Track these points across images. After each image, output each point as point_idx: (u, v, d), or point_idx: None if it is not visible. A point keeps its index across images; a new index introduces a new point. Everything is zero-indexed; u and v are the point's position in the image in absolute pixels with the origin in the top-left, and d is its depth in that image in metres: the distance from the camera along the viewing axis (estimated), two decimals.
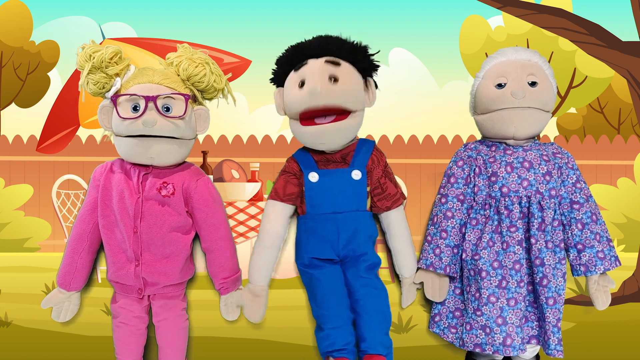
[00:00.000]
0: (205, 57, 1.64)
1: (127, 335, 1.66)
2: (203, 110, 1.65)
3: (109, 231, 1.64)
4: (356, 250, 1.67)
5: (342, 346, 1.62)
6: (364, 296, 1.66)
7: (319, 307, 1.66)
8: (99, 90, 1.61)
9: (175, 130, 1.57)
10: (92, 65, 1.57)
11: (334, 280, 1.67)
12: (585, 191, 1.70)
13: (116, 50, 1.59)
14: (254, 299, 1.69)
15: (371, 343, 1.63)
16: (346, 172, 1.66)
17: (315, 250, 1.67)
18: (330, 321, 1.64)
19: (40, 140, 3.30)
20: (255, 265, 1.69)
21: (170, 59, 1.64)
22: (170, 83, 1.60)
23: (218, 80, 1.65)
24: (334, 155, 1.68)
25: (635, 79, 3.08)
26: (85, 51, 1.58)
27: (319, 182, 1.66)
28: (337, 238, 1.65)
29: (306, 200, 1.67)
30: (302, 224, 1.70)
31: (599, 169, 3.96)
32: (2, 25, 3.74)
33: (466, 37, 3.94)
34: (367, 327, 1.64)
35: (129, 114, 1.56)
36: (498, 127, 1.67)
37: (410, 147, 4.22)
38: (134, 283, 1.63)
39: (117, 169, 1.65)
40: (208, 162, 2.85)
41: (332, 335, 1.63)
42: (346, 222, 1.66)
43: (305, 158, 1.69)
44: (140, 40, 3.14)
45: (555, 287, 1.62)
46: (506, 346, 1.61)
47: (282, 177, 1.70)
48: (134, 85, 1.59)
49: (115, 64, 1.60)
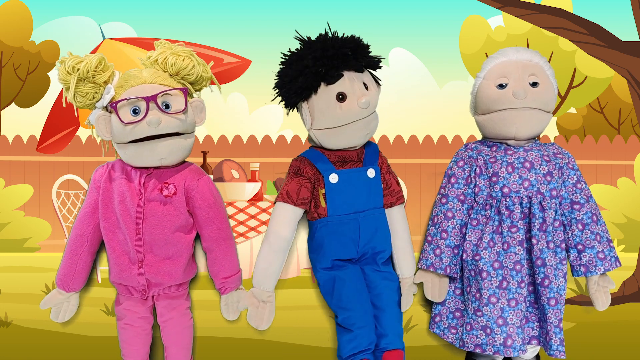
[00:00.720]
0: (187, 49, 1.63)
1: (132, 336, 1.66)
2: (199, 102, 1.65)
3: (111, 233, 1.64)
4: (376, 247, 1.68)
5: (367, 346, 1.63)
6: (385, 289, 1.68)
7: (346, 309, 1.64)
8: (88, 102, 1.59)
9: (180, 126, 1.57)
10: (78, 77, 1.55)
11: (357, 280, 1.67)
12: (585, 192, 1.70)
13: (100, 57, 1.57)
14: (260, 305, 1.67)
15: (392, 338, 1.65)
16: (362, 170, 1.67)
17: (339, 252, 1.66)
18: (357, 321, 1.63)
19: (40, 140, 3.29)
20: (265, 271, 1.66)
21: (153, 57, 1.62)
22: (162, 80, 1.59)
23: (205, 70, 1.65)
24: (352, 154, 1.68)
25: (635, 79, 3.08)
26: (65, 65, 1.55)
27: (340, 183, 1.65)
28: (358, 237, 1.66)
29: (328, 203, 1.65)
30: (322, 227, 1.67)
31: (599, 169, 3.95)
32: (2, 25, 3.74)
33: (466, 37, 3.94)
34: (388, 321, 1.66)
35: (131, 117, 1.55)
36: (499, 127, 1.66)
37: (410, 147, 4.21)
38: (137, 284, 1.63)
39: (118, 171, 1.65)
40: (208, 162, 2.85)
41: (359, 335, 1.62)
42: (367, 220, 1.67)
43: (321, 159, 1.67)
44: (140, 40, 3.13)
45: (556, 287, 1.62)
46: (507, 347, 1.61)
47: (296, 181, 1.66)
48: (128, 89, 1.57)
49: (102, 71, 1.58)
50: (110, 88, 1.57)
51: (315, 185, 1.67)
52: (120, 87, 1.58)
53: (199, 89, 1.68)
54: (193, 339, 1.72)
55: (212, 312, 1.72)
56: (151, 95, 1.55)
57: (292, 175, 1.68)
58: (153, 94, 1.55)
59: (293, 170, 1.68)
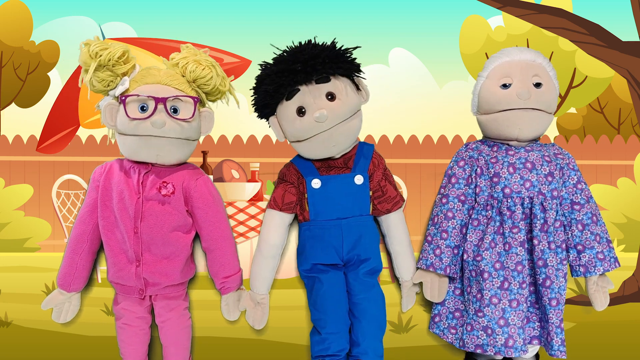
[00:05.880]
0: (211, 59, 1.63)
1: (131, 336, 1.66)
2: (208, 113, 1.65)
3: (109, 232, 1.64)
4: (361, 254, 1.67)
5: (336, 352, 1.63)
6: (363, 300, 1.66)
7: (318, 311, 1.66)
8: (103, 88, 1.60)
9: (183, 132, 1.58)
10: (99, 63, 1.55)
11: (336, 285, 1.67)
12: (585, 192, 1.70)
13: (125, 49, 1.58)
14: (255, 306, 1.70)
15: (364, 349, 1.64)
16: (349, 177, 1.66)
17: (320, 257, 1.67)
18: (328, 326, 1.64)
19: (40, 140, 3.30)
20: (256, 275, 1.69)
21: (175, 59, 1.63)
22: (178, 84, 1.59)
23: (223, 83, 1.65)
24: (337, 160, 1.67)
25: (635, 79, 3.08)
26: (90, 48, 1.55)
27: (322, 189, 1.65)
28: (341, 244, 1.65)
29: (309, 208, 1.66)
30: (305, 231, 1.69)
31: (599, 169, 3.95)
32: (2, 25, 3.74)
33: (466, 37, 3.93)
34: (363, 332, 1.65)
35: (137, 114, 1.55)
36: (503, 127, 1.66)
37: (410, 147, 4.21)
38: (135, 284, 1.63)
39: (117, 170, 1.65)
40: (208, 162, 2.84)
41: (327, 340, 1.63)
42: (350, 227, 1.66)
43: (306, 164, 1.68)
44: (140, 40, 3.14)
45: (557, 288, 1.62)
46: (508, 347, 1.61)
47: (281, 186, 1.69)
48: (142, 85, 1.58)
49: (123, 63, 1.59)
50: (126, 80, 1.58)
51: (300, 189, 1.68)
52: (136, 82, 1.59)
53: (213, 100, 1.69)
54: (192, 338, 1.72)
55: (211, 312, 1.72)
56: (162, 97, 1.55)
57: (279, 181, 1.71)
58: (164, 96, 1.56)
59: (280, 176, 1.72)
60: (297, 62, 1.57)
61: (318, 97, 1.59)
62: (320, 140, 1.61)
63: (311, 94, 1.59)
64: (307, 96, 1.59)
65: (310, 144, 1.62)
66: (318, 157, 1.66)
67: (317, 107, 1.58)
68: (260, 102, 1.64)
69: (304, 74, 1.58)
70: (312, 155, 1.66)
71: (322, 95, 1.60)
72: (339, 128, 1.61)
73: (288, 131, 1.64)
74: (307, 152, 1.65)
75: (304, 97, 1.59)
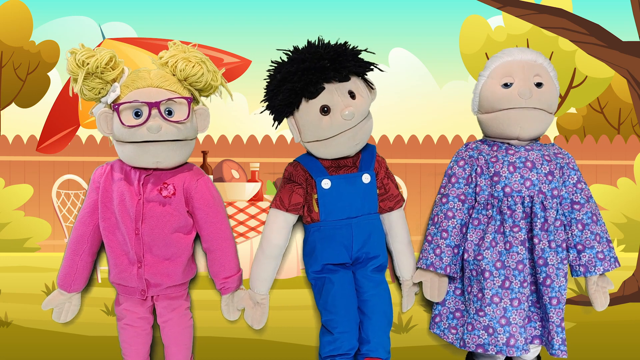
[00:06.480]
0: (199, 54, 1.61)
1: (133, 336, 1.66)
2: (203, 110, 1.64)
3: (110, 233, 1.63)
4: (369, 252, 1.67)
5: (347, 351, 1.63)
6: (372, 297, 1.67)
7: (330, 312, 1.65)
8: (94, 96, 1.58)
9: (180, 133, 1.57)
10: (87, 71, 1.53)
11: (347, 284, 1.66)
12: (585, 192, 1.70)
13: (111, 54, 1.56)
14: (255, 306, 1.69)
15: (374, 346, 1.64)
16: (357, 176, 1.66)
17: (330, 257, 1.66)
18: (340, 325, 1.63)
19: (40, 140, 3.29)
20: (257, 275, 1.68)
21: (164, 58, 1.61)
22: (169, 85, 1.58)
23: (214, 78, 1.63)
24: (347, 160, 1.67)
25: (635, 79, 3.08)
26: (76, 57, 1.53)
27: (332, 189, 1.65)
28: (351, 243, 1.65)
29: (320, 208, 1.65)
30: (314, 232, 1.68)
31: (599, 169, 3.95)
32: (2, 25, 3.74)
33: (466, 37, 3.93)
34: (373, 329, 1.65)
35: (132, 120, 1.54)
36: (504, 126, 1.66)
37: (410, 147, 4.21)
38: (137, 285, 1.63)
39: (117, 171, 1.64)
40: (208, 162, 2.84)
41: (339, 339, 1.62)
42: (360, 226, 1.65)
43: (314, 164, 1.66)
44: (140, 40, 3.13)
45: (558, 287, 1.62)
46: (509, 346, 1.61)
47: (288, 187, 1.67)
48: (133, 90, 1.56)
49: (111, 69, 1.56)
50: (117, 87, 1.56)
51: (308, 190, 1.67)
52: (127, 87, 1.57)
53: (207, 95, 1.67)
54: (193, 338, 1.72)
55: (212, 312, 1.72)
56: (155, 102, 1.54)
57: (285, 181, 1.69)
58: (157, 100, 1.54)
59: (286, 175, 1.69)
60: (323, 59, 1.55)
61: (341, 96, 1.58)
62: (345, 138, 1.60)
63: (337, 92, 1.58)
64: (333, 94, 1.57)
65: (333, 143, 1.60)
66: (337, 156, 1.65)
67: (344, 105, 1.57)
68: (285, 101, 1.59)
69: (333, 71, 1.56)
70: (332, 154, 1.64)
71: (345, 93, 1.59)
72: (362, 126, 1.61)
73: (309, 130, 1.61)
74: (327, 151, 1.63)
75: (330, 95, 1.57)
